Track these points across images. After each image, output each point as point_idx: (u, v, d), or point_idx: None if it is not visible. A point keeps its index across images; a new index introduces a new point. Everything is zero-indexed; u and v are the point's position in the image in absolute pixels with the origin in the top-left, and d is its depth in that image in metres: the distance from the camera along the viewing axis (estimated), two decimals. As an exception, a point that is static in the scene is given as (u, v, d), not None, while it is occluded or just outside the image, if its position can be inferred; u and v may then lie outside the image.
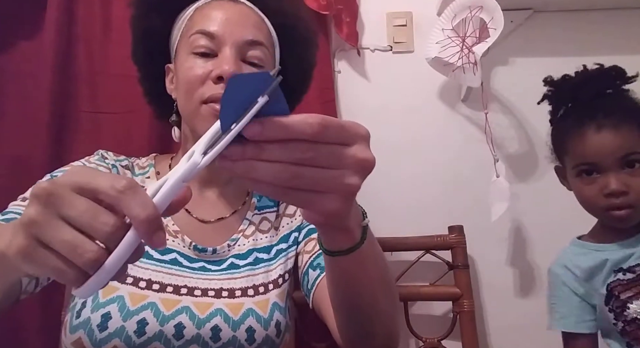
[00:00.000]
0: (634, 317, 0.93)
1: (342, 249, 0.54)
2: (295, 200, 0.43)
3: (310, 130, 0.40)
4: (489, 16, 1.23)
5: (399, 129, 1.41)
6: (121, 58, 1.25)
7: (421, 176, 1.40)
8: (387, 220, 1.33)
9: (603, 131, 0.95)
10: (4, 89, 1.27)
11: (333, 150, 0.42)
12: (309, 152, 0.40)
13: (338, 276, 0.60)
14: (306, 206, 0.44)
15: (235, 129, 0.39)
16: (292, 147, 0.40)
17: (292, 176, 0.40)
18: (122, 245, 0.38)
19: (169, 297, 0.75)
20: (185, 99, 0.82)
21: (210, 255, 0.83)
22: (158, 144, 1.24)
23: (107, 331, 0.69)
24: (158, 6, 0.88)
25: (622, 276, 0.96)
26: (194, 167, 0.40)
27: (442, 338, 1.26)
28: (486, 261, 1.36)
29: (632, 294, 0.94)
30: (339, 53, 1.44)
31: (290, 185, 0.41)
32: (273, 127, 0.39)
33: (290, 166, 0.40)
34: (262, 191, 0.43)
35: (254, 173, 0.41)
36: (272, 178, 0.41)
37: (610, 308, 0.96)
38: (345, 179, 0.42)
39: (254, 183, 0.42)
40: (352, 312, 0.65)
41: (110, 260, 0.38)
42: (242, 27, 0.83)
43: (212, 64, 0.80)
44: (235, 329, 0.75)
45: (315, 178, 0.41)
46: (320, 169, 0.41)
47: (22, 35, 1.29)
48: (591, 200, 0.98)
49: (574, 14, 1.44)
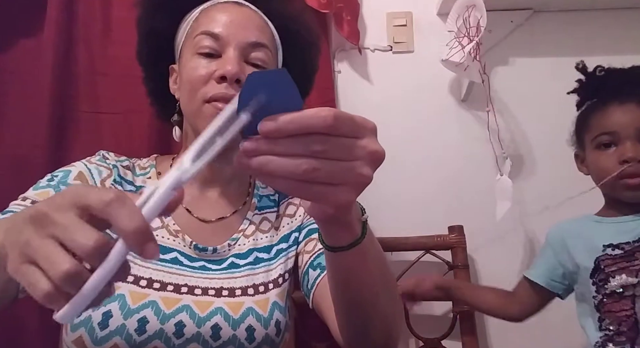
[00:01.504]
0: (613, 290, 0.99)
1: (343, 245, 0.54)
2: (310, 194, 0.44)
3: (324, 123, 0.41)
4: (479, 14, 1.24)
5: (399, 129, 1.41)
6: (121, 58, 1.25)
7: (421, 176, 1.40)
8: (388, 220, 1.33)
9: (626, 104, 1.03)
10: (4, 89, 1.27)
11: (346, 142, 0.43)
12: (324, 144, 0.41)
13: (339, 273, 0.61)
14: (321, 199, 0.45)
15: (223, 139, 0.40)
16: (307, 140, 0.41)
17: (309, 169, 0.41)
18: (107, 260, 0.37)
19: (170, 296, 0.75)
20: (189, 99, 0.83)
21: (211, 254, 0.83)
22: (158, 144, 1.24)
23: (108, 329, 0.69)
24: (164, 7, 0.90)
25: (611, 252, 1.01)
26: (184, 175, 0.40)
27: (442, 338, 1.26)
28: (486, 261, 1.36)
29: (616, 268, 0.99)
30: (339, 53, 1.44)
31: (306, 178, 0.42)
32: (287, 123, 0.40)
33: (307, 159, 0.41)
34: (279, 186, 0.43)
35: (270, 168, 0.41)
36: (289, 171, 0.41)
37: (594, 281, 1.01)
38: (359, 170, 0.43)
39: (270, 178, 0.42)
40: (352, 309, 0.65)
41: (92, 278, 0.37)
42: (245, 29, 0.84)
43: (215, 64, 0.82)
44: (235, 328, 0.75)
45: (330, 171, 0.42)
46: (335, 161, 0.42)
47: (23, 35, 1.29)
48: (607, 168, 1.03)
49: (574, 14, 1.44)
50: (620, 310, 0.98)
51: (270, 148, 0.41)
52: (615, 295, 0.99)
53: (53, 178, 0.80)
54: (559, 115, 1.19)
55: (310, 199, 0.46)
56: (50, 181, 0.80)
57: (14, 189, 0.79)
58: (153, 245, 0.38)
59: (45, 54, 1.24)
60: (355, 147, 0.43)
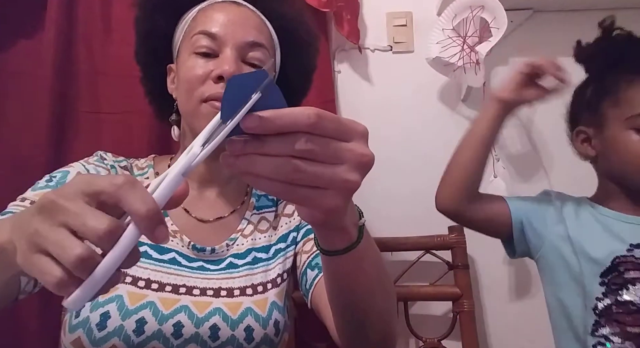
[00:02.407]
0: (629, 300, 0.89)
1: (338, 249, 0.54)
2: (295, 197, 0.43)
3: (307, 120, 0.40)
4: (490, 16, 1.23)
5: (399, 128, 1.41)
6: (121, 58, 1.25)
7: (421, 176, 1.39)
8: (387, 220, 1.33)
9: None
10: (4, 89, 1.27)
11: (331, 144, 0.42)
12: (308, 144, 0.41)
13: (335, 276, 0.61)
14: (306, 202, 0.44)
15: (233, 122, 0.40)
16: (291, 139, 0.40)
17: (293, 169, 0.41)
18: (117, 245, 0.38)
19: (168, 296, 0.75)
20: (186, 98, 0.83)
21: (209, 254, 0.83)
22: (158, 144, 1.24)
23: (106, 330, 0.69)
24: (162, 7, 0.90)
25: (639, 255, 0.90)
26: (193, 159, 0.40)
27: (442, 338, 1.26)
28: (486, 261, 1.36)
29: (638, 276, 0.89)
30: (339, 53, 1.44)
31: (291, 180, 0.41)
32: (270, 118, 0.40)
33: (291, 159, 0.41)
34: (263, 187, 0.43)
35: (255, 168, 0.41)
36: (273, 172, 0.41)
37: (604, 282, 0.91)
38: (345, 174, 0.43)
39: (256, 179, 0.42)
40: (349, 311, 0.65)
41: (103, 262, 0.37)
42: (243, 28, 0.84)
43: (213, 64, 0.82)
44: (234, 328, 0.75)
45: (315, 173, 0.41)
46: (320, 164, 0.42)
47: (23, 36, 1.29)
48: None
49: (574, 14, 1.44)
50: (634, 325, 0.88)
51: (255, 147, 0.41)
52: (630, 306, 0.88)
53: (51, 178, 0.81)
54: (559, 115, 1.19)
55: (296, 203, 0.46)
56: (49, 181, 0.80)
57: (14, 190, 0.79)
58: (164, 228, 0.39)
59: (45, 54, 1.23)
60: (341, 150, 0.43)
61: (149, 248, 0.80)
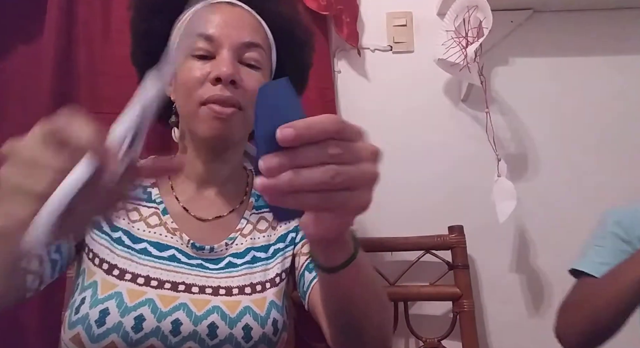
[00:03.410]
0: None
1: (339, 263, 0.55)
2: (335, 202, 0.43)
3: (333, 127, 0.42)
4: (482, 15, 1.24)
5: (399, 128, 1.41)
6: (121, 59, 1.25)
7: (421, 176, 1.39)
8: (388, 220, 1.33)
9: None
10: (5, 90, 1.28)
11: (352, 145, 0.44)
12: (337, 148, 0.42)
13: (333, 292, 0.62)
14: (346, 204, 0.44)
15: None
16: (323, 145, 0.41)
17: (334, 174, 0.41)
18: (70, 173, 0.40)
19: (167, 294, 0.76)
20: (184, 101, 0.83)
21: (208, 253, 0.83)
22: (157, 144, 1.24)
23: (105, 326, 0.70)
24: (158, 9, 0.90)
25: None
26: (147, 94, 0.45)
27: (442, 338, 1.26)
28: (486, 261, 1.36)
29: None
30: (339, 53, 1.44)
31: (332, 186, 0.42)
32: (304, 127, 0.40)
33: (330, 165, 0.41)
34: (307, 200, 0.42)
35: (299, 181, 0.41)
36: (317, 181, 0.41)
37: None
38: (369, 169, 0.45)
39: (297, 197, 0.42)
40: (345, 323, 0.67)
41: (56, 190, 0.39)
42: (239, 29, 0.84)
43: (210, 66, 0.82)
44: (232, 326, 0.75)
45: (348, 173, 0.43)
46: (349, 165, 0.43)
47: (23, 37, 1.30)
48: None
49: (574, 14, 1.44)
50: None
51: (290, 159, 0.41)
52: None
53: None
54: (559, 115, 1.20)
55: (337, 208, 0.45)
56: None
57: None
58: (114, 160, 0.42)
59: (45, 55, 1.24)
60: (359, 148, 0.44)
61: (149, 245, 0.80)
